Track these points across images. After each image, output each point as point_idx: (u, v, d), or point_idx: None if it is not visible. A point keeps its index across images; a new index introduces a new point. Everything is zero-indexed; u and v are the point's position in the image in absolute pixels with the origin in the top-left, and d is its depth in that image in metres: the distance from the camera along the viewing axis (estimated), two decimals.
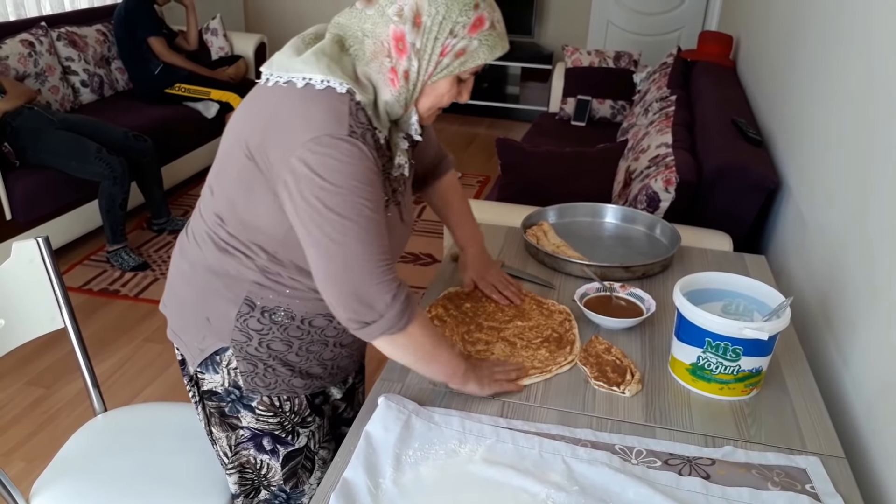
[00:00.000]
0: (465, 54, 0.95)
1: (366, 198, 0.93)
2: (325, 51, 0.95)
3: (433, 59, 0.95)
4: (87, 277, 2.95)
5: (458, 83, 1.01)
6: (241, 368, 1.11)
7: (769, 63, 2.55)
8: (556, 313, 1.32)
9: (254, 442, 1.17)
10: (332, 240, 0.93)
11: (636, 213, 1.71)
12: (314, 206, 0.92)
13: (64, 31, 3.65)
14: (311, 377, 1.16)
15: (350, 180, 0.92)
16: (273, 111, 0.95)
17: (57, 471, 1.31)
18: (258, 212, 1.00)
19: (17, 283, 1.30)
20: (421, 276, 3.04)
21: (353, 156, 0.91)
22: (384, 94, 0.98)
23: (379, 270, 0.96)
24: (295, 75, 0.95)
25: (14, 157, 2.86)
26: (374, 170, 0.94)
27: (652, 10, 5.18)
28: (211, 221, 1.07)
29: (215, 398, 1.15)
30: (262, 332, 1.08)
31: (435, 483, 0.94)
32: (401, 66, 0.95)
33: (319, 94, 0.93)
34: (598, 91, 3.85)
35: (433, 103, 1.01)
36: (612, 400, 1.11)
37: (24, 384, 2.30)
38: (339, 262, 0.94)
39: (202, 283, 1.09)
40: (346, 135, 0.91)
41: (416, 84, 0.98)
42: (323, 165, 0.90)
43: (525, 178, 2.32)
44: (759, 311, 1.17)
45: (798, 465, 0.99)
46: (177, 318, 1.16)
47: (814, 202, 1.67)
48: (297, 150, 0.91)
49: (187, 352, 1.14)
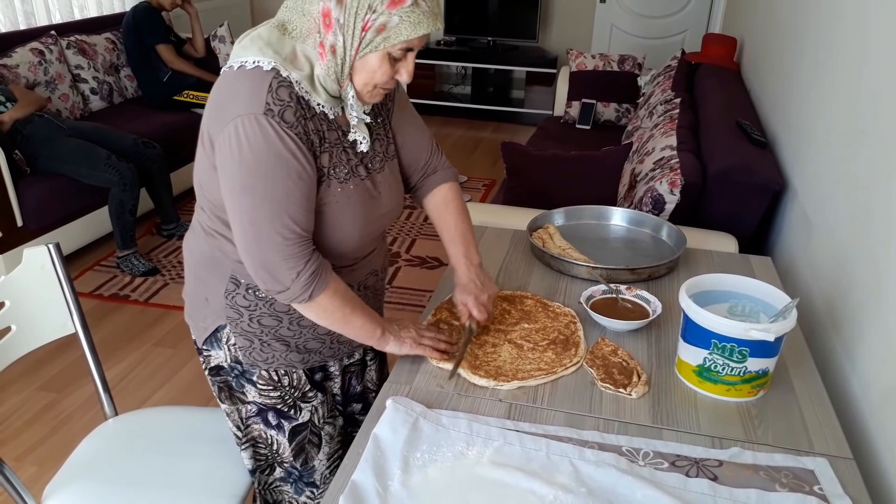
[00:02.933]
0: (387, 30, 0.98)
1: (279, 175, 0.99)
2: (261, 36, 1.03)
3: (356, 34, 0.99)
4: (98, 283, 2.97)
5: (392, 61, 1.03)
6: (239, 344, 1.19)
7: (773, 65, 2.55)
8: (562, 315, 1.33)
9: (261, 417, 1.24)
10: (244, 215, 1.02)
11: (641, 215, 1.71)
12: (232, 182, 1.01)
13: (73, 39, 3.69)
14: (308, 352, 1.22)
15: (264, 158, 0.98)
16: (216, 94, 1.04)
17: (68, 475, 1.32)
18: (215, 190, 1.07)
19: (29, 289, 1.32)
20: (428, 280, 3.05)
21: (265, 134, 0.98)
22: (316, 68, 1.03)
23: (286, 247, 1.03)
24: (233, 61, 1.03)
25: (25, 165, 2.89)
26: (290, 146, 1.00)
27: (656, 14, 5.19)
28: (198, 209, 1.18)
29: (222, 373, 1.23)
30: (249, 308, 1.16)
31: (443, 485, 0.95)
32: (328, 41, 1.00)
33: (247, 73, 1.00)
34: (602, 94, 3.86)
35: (367, 79, 1.04)
36: (619, 402, 1.12)
37: (35, 389, 2.32)
38: (250, 237, 1.03)
39: (199, 267, 1.20)
40: (262, 112, 0.97)
41: (345, 59, 1.02)
42: (239, 144, 0.98)
43: (530, 182, 2.32)
44: (765, 313, 1.17)
45: (806, 466, 0.99)
46: (188, 301, 1.26)
47: (819, 203, 1.67)
48: (225, 126, 0.99)
49: (196, 330, 1.24)
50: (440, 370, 1.18)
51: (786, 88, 2.27)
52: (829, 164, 1.64)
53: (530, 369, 1.17)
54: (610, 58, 3.93)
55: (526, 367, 1.18)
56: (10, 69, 3.25)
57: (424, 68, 5.53)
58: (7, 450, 2.05)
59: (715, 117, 2.37)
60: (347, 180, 1.10)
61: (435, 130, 5.27)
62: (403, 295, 2.93)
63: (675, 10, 5.14)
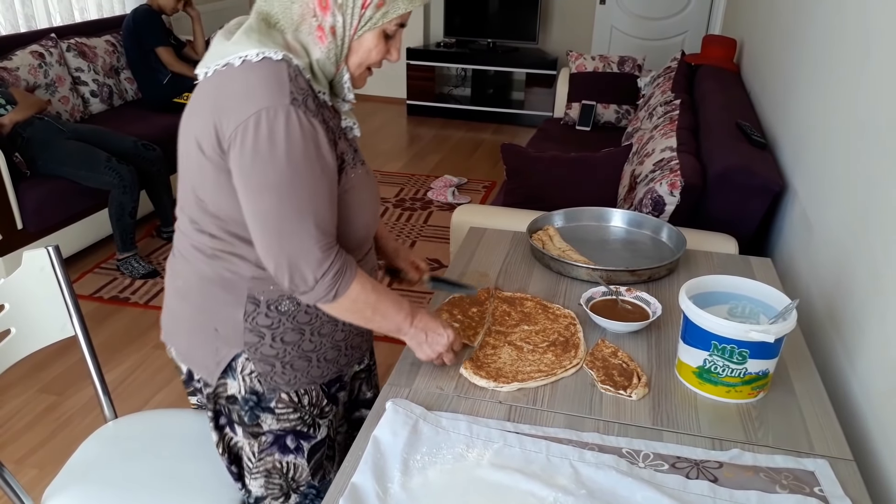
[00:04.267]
0: (385, 4, 0.99)
1: (306, 170, 0.96)
2: (253, 28, 0.99)
3: (356, 11, 0.99)
4: (98, 285, 2.97)
5: (385, 39, 1.04)
6: (259, 370, 1.12)
7: (773, 66, 2.55)
8: (562, 317, 1.33)
9: (277, 445, 1.18)
10: (270, 213, 0.97)
11: (641, 216, 1.71)
12: (256, 178, 0.96)
13: (73, 41, 3.69)
14: (328, 362, 1.18)
15: (295, 151, 0.95)
16: (217, 94, 0.98)
17: (68, 478, 1.32)
18: (222, 199, 1.02)
19: (29, 292, 1.32)
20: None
21: (293, 126, 0.94)
22: (315, 53, 1.01)
23: (312, 245, 0.99)
24: (230, 57, 0.97)
25: (25, 167, 2.89)
26: (317, 137, 0.97)
27: (655, 15, 5.19)
28: (191, 232, 1.09)
29: (236, 404, 1.17)
30: (272, 326, 1.10)
31: (443, 487, 0.94)
32: (327, 23, 0.99)
33: (257, 65, 0.95)
34: (602, 96, 3.86)
35: (362, 60, 1.04)
36: (619, 403, 1.11)
37: (36, 391, 2.32)
38: (274, 235, 0.99)
39: (201, 295, 1.11)
40: (289, 103, 0.94)
41: (344, 39, 1.01)
42: (266, 138, 0.93)
43: (530, 183, 2.32)
44: (765, 314, 1.17)
45: (806, 467, 0.99)
46: (184, 340, 1.17)
47: (819, 204, 1.67)
48: (244, 122, 0.94)
49: (204, 371, 1.15)
50: (441, 371, 1.18)
51: (786, 89, 2.27)
52: (829, 166, 1.64)
53: (530, 371, 1.17)
54: (610, 59, 3.93)
55: (526, 368, 1.18)
56: (11, 72, 3.26)
57: (424, 70, 5.54)
58: (8, 452, 2.05)
59: (715, 118, 2.38)
60: (355, 165, 1.09)
61: (435, 132, 5.28)
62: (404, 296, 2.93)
63: (674, 11, 5.14)
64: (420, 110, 5.64)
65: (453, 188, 4.04)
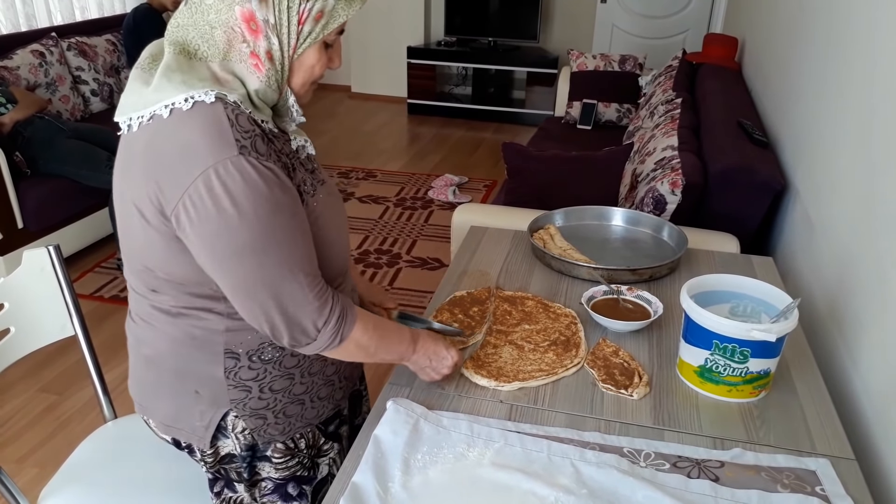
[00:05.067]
0: (325, 15, 0.90)
1: (277, 218, 0.88)
2: (171, 67, 0.88)
3: (292, 30, 0.89)
4: (98, 284, 2.97)
5: (325, 50, 0.95)
6: (251, 426, 1.06)
7: (775, 65, 2.55)
8: (563, 316, 1.32)
9: (279, 493, 1.14)
10: (252, 277, 0.89)
11: (643, 215, 1.71)
12: (224, 248, 0.87)
13: (74, 41, 3.69)
14: (321, 400, 1.13)
15: (258, 206, 0.85)
16: (148, 155, 0.87)
17: (65, 478, 1.31)
18: (177, 268, 0.93)
19: (29, 292, 1.32)
20: (429, 281, 3.04)
21: (251, 179, 0.84)
22: (252, 84, 0.91)
23: (305, 293, 0.92)
24: (155, 107, 0.86)
25: (25, 167, 2.89)
26: (278, 183, 0.88)
27: (657, 14, 5.19)
28: (147, 294, 1.01)
29: (235, 462, 1.11)
30: (257, 378, 1.03)
31: (444, 487, 0.94)
32: (260, 48, 0.89)
33: (190, 115, 0.85)
34: (603, 95, 3.86)
35: (305, 78, 0.95)
36: (621, 403, 1.11)
37: (36, 391, 2.32)
38: (263, 298, 0.90)
39: (174, 358, 1.03)
40: (237, 153, 0.84)
41: (283, 62, 0.91)
42: (221, 201, 0.84)
43: (531, 182, 2.32)
44: (766, 313, 1.16)
45: (808, 466, 0.98)
46: (164, 410, 1.09)
47: (821, 203, 1.67)
48: (188, 188, 0.83)
49: (193, 438, 1.07)
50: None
51: (787, 88, 2.26)
52: (830, 164, 1.64)
53: (531, 370, 1.17)
54: (611, 58, 3.93)
55: (527, 367, 1.18)
56: (11, 71, 3.26)
57: (425, 69, 5.54)
58: (8, 452, 2.05)
59: (716, 117, 2.37)
60: (316, 192, 1.00)
61: (436, 131, 5.28)
62: (405, 296, 2.93)
63: (676, 10, 5.13)
64: (421, 109, 5.64)
65: (454, 187, 4.04)
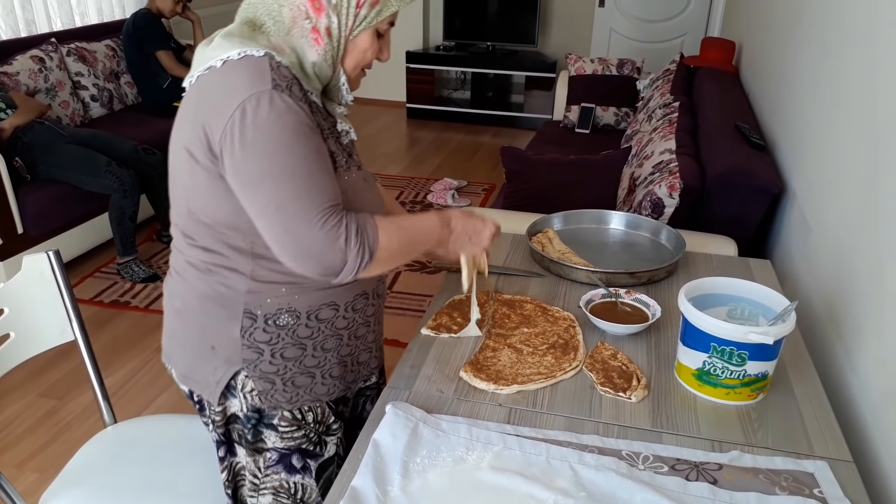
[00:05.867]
0: (379, 2, 1.01)
1: (299, 148, 0.94)
2: (233, 32, 0.99)
3: (350, 11, 1.00)
4: (98, 289, 2.98)
5: (377, 38, 1.05)
6: (259, 388, 1.10)
7: (772, 68, 2.56)
8: (561, 320, 1.33)
9: (283, 464, 1.16)
10: (272, 201, 0.94)
11: (641, 219, 1.71)
12: (251, 169, 0.93)
13: (74, 46, 3.70)
14: (333, 379, 1.15)
15: (282, 134, 0.93)
16: (200, 98, 0.98)
17: (64, 483, 1.31)
18: (216, 206, 1.00)
19: (29, 297, 1.32)
20: (428, 284, 3.05)
21: (279, 110, 0.93)
22: (311, 56, 1.01)
23: (321, 218, 0.95)
24: (211, 61, 0.96)
25: (25, 172, 2.90)
26: (304, 121, 0.95)
27: (654, 18, 5.20)
28: (185, 248, 1.07)
29: (238, 423, 1.15)
30: (270, 342, 1.08)
31: (443, 490, 0.94)
32: (322, 24, 0.99)
33: (238, 62, 0.95)
34: (601, 98, 3.87)
35: (357, 61, 1.06)
36: (619, 406, 1.12)
37: (36, 396, 2.32)
38: (279, 226, 0.95)
39: (197, 313, 1.09)
40: (271, 88, 0.93)
41: (340, 40, 1.02)
42: (253, 125, 0.92)
43: (530, 186, 2.33)
44: (764, 316, 1.17)
45: (806, 469, 0.99)
46: (184, 360, 1.15)
47: (818, 206, 1.67)
48: (229, 117, 0.93)
49: (205, 391, 1.13)
50: (440, 374, 1.18)
51: (785, 91, 2.27)
52: (828, 167, 1.64)
53: (530, 373, 1.17)
54: (609, 62, 3.94)
55: (525, 371, 1.18)
56: (11, 76, 3.26)
57: (424, 73, 5.55)
58: (8, 457, 2.05)
59: (714, 121, 2.38)
60: (349, 169, 1.07)
61: (434, 135, 5.29)
62: (404, 300, 2.93)
63: (673, 13, 5.15)
64: (420, 113, 5.65)
65: (453, 191, 4.05)
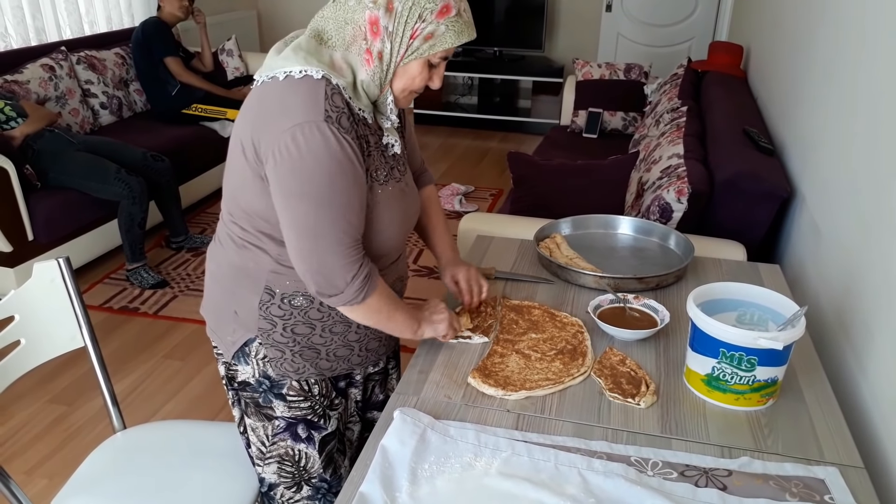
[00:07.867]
0: (434, 38, 1.05)
1: (339, 180, 1.03)
2: (301, 45, 1.06)
3: (404, 41, 1.05)
4: (108, 296, 2.99)
5: (429, 68, 1.10)
6: (270, 356, 1.19)
7: (780, 72, 2.55)
8: (570, 325, 1.33)
9: (289, 432, 1.24)
10: (303, 221, 1.04)
11: (649, 224, 1.71)
12: (292, 188, 1.02)
13: (83, 54, 3.73)
14: (337, 359, 1.23)
15: (327, 164, 1.01)
16: (259, 105, 1.06)
17: (74, 489, 1.32)
18: (254, 199, 1.10)
19: (39, 303, 1.33)
20: (435, 290, 3.05)
21: (327, 141, 1.00)
22: (361, 74, 1.07)
23: (343, 251, 1.06)
24: (277, 71, 1.05)
25: (36, 179, 2.92)
26: (348, 155, 1.03)
27: (662, 22, 5.20)
28: (227, 221, 1.18)
29: (249, 389, 1.24)
30: (284, 317, 1.17)
31: (451, 496, 0.94)
32: (375, 48, 1.05)
33: (298, 82, 1.03)
34: (609, 103, 3.86)
35: (406, 85, 1.11)
36: (628, 412, 1.11)
37: (46, 402, 2.33)
38: (307, 243, 1.05)
39: (228, 279, 1.19)
40: (322, 119, 1.00)
41: (390, 65, 1.07)
42: (300, 150, 1.00)
43: (537, 191, 2.33)
44: (773, 321, 1.16)
45: (816, 475, 0.98)
46: (212, 316, 1.25)
47: (828, 210, 1.66)
48: (280, 136, 1.00)
49: (223, 345, 1.23)
50: (449, 380, 1.18)
51: (793, 95, 2.26)
52: (837, 171, 1.63)
53: (538, 379, 1.17)
54: (616, 66, 3.94)
55: (534, 376, 1.18)
56: (21, 85, 3.30)
57: None
58: (18, 463, 2.06)
59: (722, 125, 2.37)
60: (387, 182, 1.15)
61: (442, 141, 5.30)
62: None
63: (681, 18, 5.14)
64: (427, 119, 5.66)
65: (460, 196, 4.05)
